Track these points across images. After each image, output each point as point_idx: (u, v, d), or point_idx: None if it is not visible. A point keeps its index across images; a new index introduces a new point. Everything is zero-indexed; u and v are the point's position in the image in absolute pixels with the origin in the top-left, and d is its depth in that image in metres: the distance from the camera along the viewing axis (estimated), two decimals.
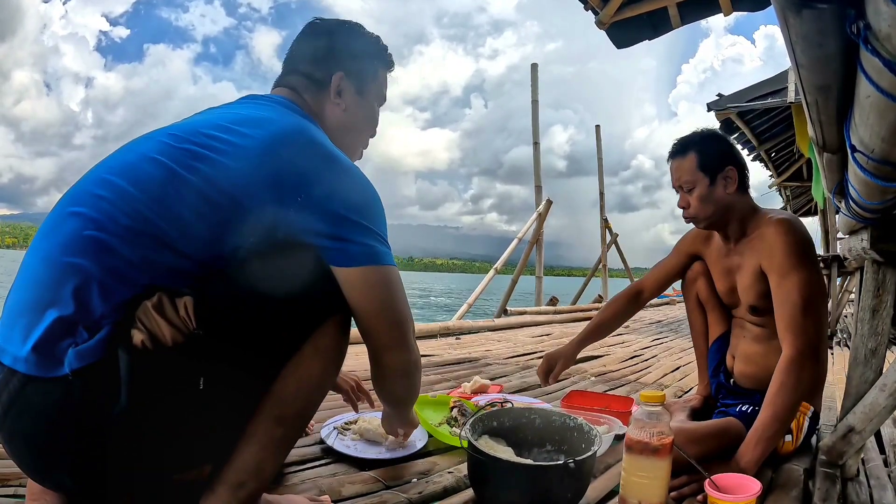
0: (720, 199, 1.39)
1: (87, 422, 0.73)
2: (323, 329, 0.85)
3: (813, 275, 1.28)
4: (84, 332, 0.73)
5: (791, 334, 1.24)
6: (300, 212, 0.81)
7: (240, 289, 0.79)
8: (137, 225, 0.76)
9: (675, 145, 1.45)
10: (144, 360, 0.72)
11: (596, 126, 9.64)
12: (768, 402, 1.21)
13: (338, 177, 0.85)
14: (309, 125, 0.90)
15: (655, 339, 4.12)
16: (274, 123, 0.86)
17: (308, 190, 0.82)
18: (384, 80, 1.10)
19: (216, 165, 0.79)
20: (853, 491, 1.25)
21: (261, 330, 0.80)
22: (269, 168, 0.81)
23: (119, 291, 0.74)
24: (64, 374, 0.71)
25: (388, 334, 0.89)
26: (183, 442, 0.78)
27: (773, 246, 1.31)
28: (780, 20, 0.59)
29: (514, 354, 3.03)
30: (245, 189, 0.79)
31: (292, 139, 0.84)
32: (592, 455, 1.05)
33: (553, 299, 6.59)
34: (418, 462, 1.27)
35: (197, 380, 0.75)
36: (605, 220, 9.11)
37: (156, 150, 0.81)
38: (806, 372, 1.21)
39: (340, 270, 0.84)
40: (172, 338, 0.72)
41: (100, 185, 0.79)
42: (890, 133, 0.66)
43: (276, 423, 0.82)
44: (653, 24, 2.60)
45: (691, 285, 1.67)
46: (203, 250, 0.78)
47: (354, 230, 0.83)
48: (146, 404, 0.73)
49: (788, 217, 1.37)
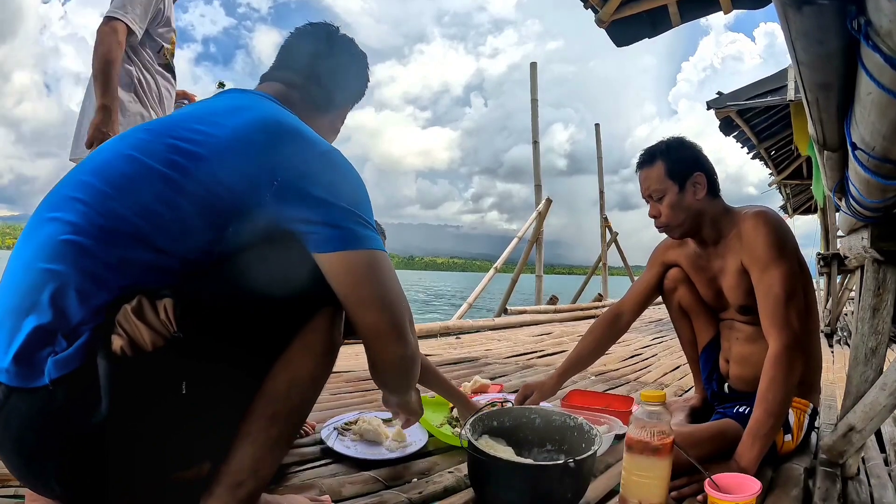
0: (690, 205, 1.38)
1: (71, 430, 0.72)
2: (312, 324, 0.82)
3: (794, 266, 1.27)
4: (63, 340, 0.71)
5: (776, 328, 1.23)
6: (277, 197, 0.78)
7: (222, 285, 0.77)
8: (112, 223, 0.74)
9: (642, 155, 1.44)
10: (125, 367, 0.70)
11: (595, 125, 9.65)
12: (760, 399, 1.20)
13: (315, 159, 0.82)
14: (286, 112, 0.88)
15: (655, 337, 4.12)
16: (249, 111, 0.84)
17: (284, 174, 0.79)
18: (348, 112, 1.11)
19: (190, 156, 0.78)
20: (853, 490, 1.25)
21: (246, 327, 0.78)
22: (244, 154, 0.79)
23: (97, 295, 0.73)
24: (44, 384, 0.70)
25: (377, 324, 0.83)
26: (174, 444, 0.77)
27: (751, 241, 1.31)
28: (780, 17, 0.58)
29: (514, 354, 3.03)
30: (219, 177, 0.77)
31: (266, 125, 0.82)
32: (592, 455, 1.05)
33: (553, 298, 6.59)
34: (418, 462, 1.26)
35: (181, 382, 0.73)
36: (605, 218, 9.11)
37: (131, 147, 0.80)
38: (794, 365, 1.21)
39: (321, 257, 0.80)
40: (152, 342, 0.71)
41: (75, 187, 0.78)
42: (891, 130, 0.65)
43: (271, 423, 0.81)
44: (652, 22, 2.60)
45: (671, 294, 1.63)
46: (180, 244, 0.77)
47: (334, 213, 0.80)
48: (130, 410, 0.72)
49: (762, 210, 1.35)
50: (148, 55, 1.97)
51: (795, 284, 1.26)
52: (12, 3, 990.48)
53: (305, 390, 0.84)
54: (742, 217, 1.36)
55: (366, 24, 45.42)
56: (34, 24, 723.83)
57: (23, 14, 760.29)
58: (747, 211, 1.37)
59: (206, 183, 0.77)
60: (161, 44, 1.99)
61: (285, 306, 0.80)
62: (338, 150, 0.86)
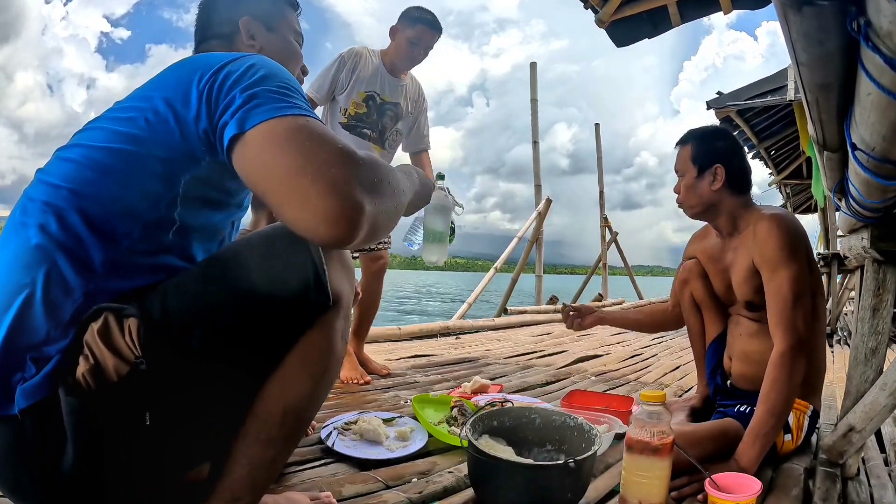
0: (703, 193, 1.45)
1: (43, 467, 0.68)
2: (309, 336, 0.74)
3: (803, 269, 1.28)
4: (31, 365, 0.67)
5: (781, 329, 1.24)
6: (195, 116, 0.71)
7: (200, 296, 0.70)
8: (68, 219, 0.69)
9: (684, 134, 1.55)
10: (90, 402, 0.66)
11: (595, 124, 9.64)
12: (762, 399, 1.21)
13: (223, 66, 0.72)
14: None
15: (656, 337, 4.12)
16: (178, 63, 0.79)
17: (189, 88, 0.72)
18: (294, 20, 1.05)
19: (123, 122, 0.74)
20: (853, 490, 1.25)
21: (229, 341, 0.70)
22: (159, 85, 0.74)
23: (64, 305, 0.68)
24: (14, 413, 0.66)
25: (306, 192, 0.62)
26: (152, 479, 0.73)
27: (763, 241, 1.32)
28: (780, 18, 0.58)
29: (514, 354, 3.03)
30: (145, 123, 0.72)
31: (188, 63, 0.77)
32: (593, 455, 1.05)
33: (553, 298, 6.59)
34: (418, 462, 1.27)
35: (147, 414, 0.67)
36: (605, 218, 9.11)
37: (83, 138, 0.76)
38: (797, 366, 1.21)
39: (233, 159, 0.68)
40: (116, 370, 0.65)
41: (34, 189, 0.74)
42: (891, 131, 0.65)
43: (266, 447, 0.74)
44: (653, 23, 2.59)
45: (684, 286, 1.68)
46: (132, 220, 0.71)
47: (235, 96, 0.69)
48: (99, 452, 0.67)
49: (780, 213, 1.37)
50: (334, 114, 2.15)
51: (804, 287, 1.27)
52: (16, 3, 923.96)
53: (302, 413, 0.77)
54: (758, 216, 1.38)
55: (367, 23, 44.78)
56: (37, 25, 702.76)
57: (26, 15, 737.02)
58: (765, 211, 1.38)
59: (136, 135, 0.73)
60: (340, 105, 2.14)
61: (275, 315, 0.72)
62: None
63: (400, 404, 1.75)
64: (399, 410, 1.65)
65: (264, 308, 0.71)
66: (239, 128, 0.67)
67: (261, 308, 0.71)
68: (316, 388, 0.76)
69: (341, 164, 0.64)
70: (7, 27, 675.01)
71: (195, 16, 1.02)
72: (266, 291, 0.70)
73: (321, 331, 0.75)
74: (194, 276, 0.73)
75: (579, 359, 2.94)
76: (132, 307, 0.67)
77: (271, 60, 0.76)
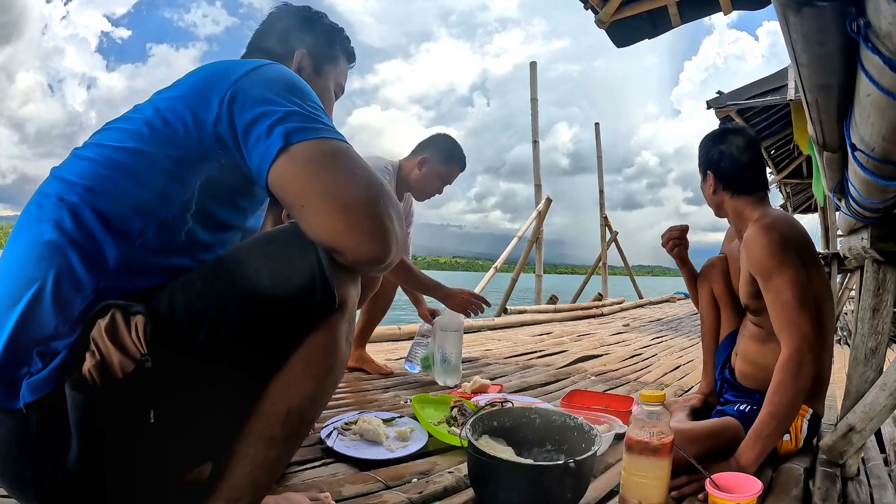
0: (707, 196, 1.53)
1: (45, 463, 0.68)
2: (314, 338, 0.73)
3: (798, 273, 1.26)
4: (38, 360, 0.67)
5: (786, 333, 1.24)
6: (221, 128, 0.73)
7: (206, 295, 0.71)
8: (83, 215, 0.70)
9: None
10: (95, 399, 0.66)
11: (595, 124, 9.63)
12: (767, 401, 1.21)
13: (247, 73, 0.74)
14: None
15: (656, 337, 4.12)
16: (202, 67, 0.80)
17: (210, 92, 0.73)
18: (344, 70, 1.07)
19: (140, 123, 0.74)
20: (853, 490, 1.25)
21: (234, 340, 0.70)
22: (181, 88, 0.76)
23: (74, 302, 0.68)
24: (19, 407, 0.66)
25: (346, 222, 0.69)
26: (156, 479, 0.73)
27: (750, 251, 1.32)
28: (780, 18, 0.58)
29: (514, 354, 3.03)
30: (162, 124, 0.73)
31: (212, 68, 0.78)
32: (592, 455, 1.05)
33: (553, 298, 6.59)
34: (418, 462, 1.27)
35: (153, 412, 0.67)
36: (605, 217, 9.11)
37: (100, 138, 0.77)
38: (803, 371, 1.20)
39: (268, 177, 0.70)
40: (122, 367, 0.66)
41: (49, 185, 0.74)
42: (890, 131, 0.65)
43: (268, 447, 0.74)
44: (653, 23, 2.60)
45: (705, 279, 1.70)
46: (146, 218, 0.72)
47: (258, 118, 0.71)
48: (103, 449, 0.68)
49: (768, 219, 1.33)
50: None
51: (804, 289, 1.26)
52: (18, 4, 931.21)
53: (306, 413, 0.76)
54: (750, 224, 1.37)
55: (367, 23, 44.93)
56: (38, 25, 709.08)
57: (27, 15, 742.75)
58: (756, 217, 1.38)
59: (159, 137, 0.74)
60: None
61: (281, 315, 0.72)
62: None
63: (400, 404, 1.76)
64: (399, 410, 1.65)
65: (270, 308, 0.71)
66: (285, 141, 0.70)
67: (267, 308, 0.71)
68: (319, 389, 0.76)
69: (378, 188, 0.71)
70: (9, 28, 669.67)
71: (261, 21, 1.05)
72: (273, 291, 0.70)
73: (326, 332, 0.74)
74: (201, 275, 0.73)
75: (579, 359, 2.94)
76: (139, 305, 0.68)
77: (299, 77, 0.79)
